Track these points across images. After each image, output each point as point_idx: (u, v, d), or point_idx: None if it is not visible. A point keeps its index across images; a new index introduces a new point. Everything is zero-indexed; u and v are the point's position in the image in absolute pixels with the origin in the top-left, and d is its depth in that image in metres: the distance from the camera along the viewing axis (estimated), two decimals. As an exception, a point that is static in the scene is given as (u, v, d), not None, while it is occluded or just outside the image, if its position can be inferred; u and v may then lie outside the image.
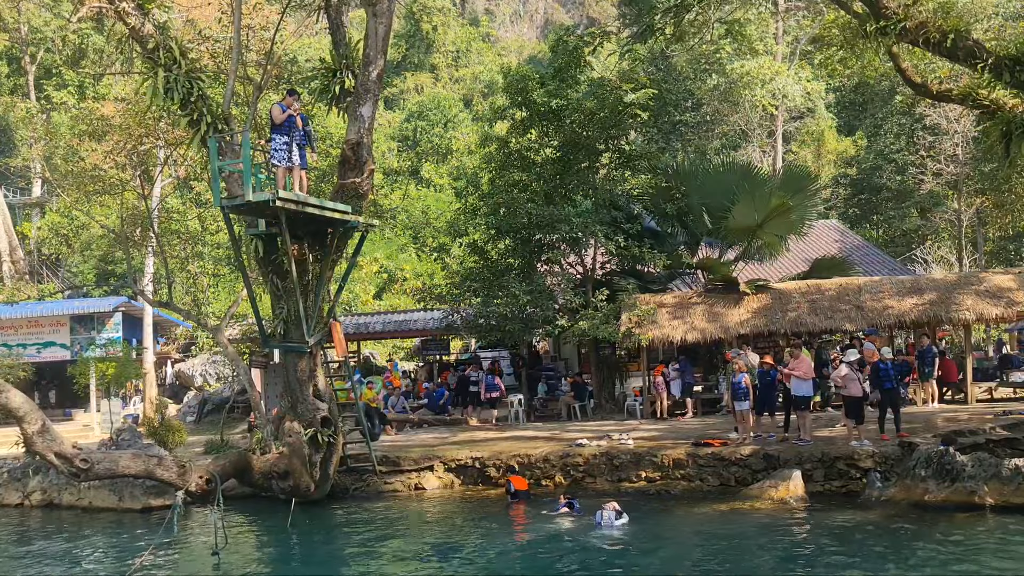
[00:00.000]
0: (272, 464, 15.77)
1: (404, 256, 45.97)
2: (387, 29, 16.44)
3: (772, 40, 39.84)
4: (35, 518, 17.15)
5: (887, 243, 40.37)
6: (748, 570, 10.85)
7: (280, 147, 14.69)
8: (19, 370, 25.60)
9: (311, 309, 15.88)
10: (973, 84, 14.93)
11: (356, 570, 11.95)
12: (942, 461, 13.04)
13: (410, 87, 65.80)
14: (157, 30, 16.29)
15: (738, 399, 16.50)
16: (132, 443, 18.60)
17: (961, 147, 35.18)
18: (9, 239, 42.02)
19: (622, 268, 23.81)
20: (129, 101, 22.43)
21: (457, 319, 23.72)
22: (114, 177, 23.09)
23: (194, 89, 16.00)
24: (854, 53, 17.33)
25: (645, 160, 23.66)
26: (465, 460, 16.87)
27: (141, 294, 25.97)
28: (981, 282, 20.40)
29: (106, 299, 33.10)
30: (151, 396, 28.87)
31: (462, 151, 52.14)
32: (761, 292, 21.29)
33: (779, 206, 21.24)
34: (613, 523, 12.81)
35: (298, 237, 15.69)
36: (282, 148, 14.70)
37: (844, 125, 46.24)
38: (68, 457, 14.36)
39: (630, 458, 15.90)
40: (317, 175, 22.91)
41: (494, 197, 22.80)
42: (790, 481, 14.09)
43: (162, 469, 15.07)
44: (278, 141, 14.68)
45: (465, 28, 75.38)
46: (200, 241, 26.86)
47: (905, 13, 14.26)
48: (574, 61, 22.72)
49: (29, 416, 14.35)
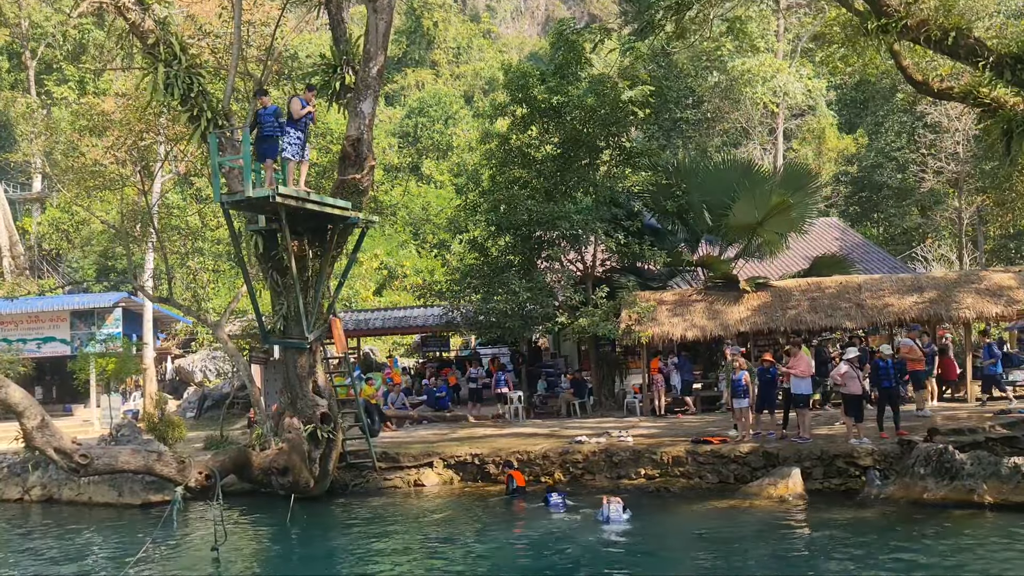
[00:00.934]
0: (272, 460, 15.78)
1: (404, 252, 45.96)
2: (388, 25, 16.43)
3: (773, 37, 39.78)
4: (35, 513, 17.18)
5: (887, 241, 40.37)
6: (746, 568, 10.86)
7: (294, 141, 14.63)
8: (19, 365, 25.65)
9: (311, 305, 15.90)
10: (974, 82, 14.91)
11: (355, 566, 11.96)
12: (941, 459, 13.05)
13: (411, 83, 65.73)
14: (157, 26, 16.29)
15: (737, 397, 16.51)
16: (132, 439, 18.60)
17: (962, 145, 35.16)
18: (9, 234, 42.00)
19: (622, 265, 23.80)
20: (129, 97, 22.41)
21: (457, 316, 23.72)
22: (114, 172, 23.09)
23: (194, 85, 16.00)
24: (855, 51, 17.29)
25: (646, 157, 23.66)
26: (465, 457, 16.89)
27: (141, 290, 25.98)
28: (981, 280, 20.39)
29: (106, 295, 33.13)
30: (151, 392, 28.89)
31: (463, 148, 52.08)
32: (761, 290, 21.29)
33: (779, 204, 21.24)
34: (621, 517, 12.86)
35: (298, 233, 15.69)
36: (296, 142, 14.65)
37: (845, 123, 46.20)
38: (68, 452, 14.37)
39: (629, 455, 15.91)
40: (318, 171, 22.90)
41: (494, 194, 22.79)
42: (789, 479, 14.11)
43: (162, 465, 15.08)
44: (292, 135, 14.61)
45: (466, 24, 75.30)
46: (200, 237, 26.86)
47: (906, 11, 14.23)
48: (575, 57, 22.71)
49: (29, 411, 14.36)
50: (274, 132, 14.46)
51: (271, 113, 14.54)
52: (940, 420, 16.24)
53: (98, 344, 30.46)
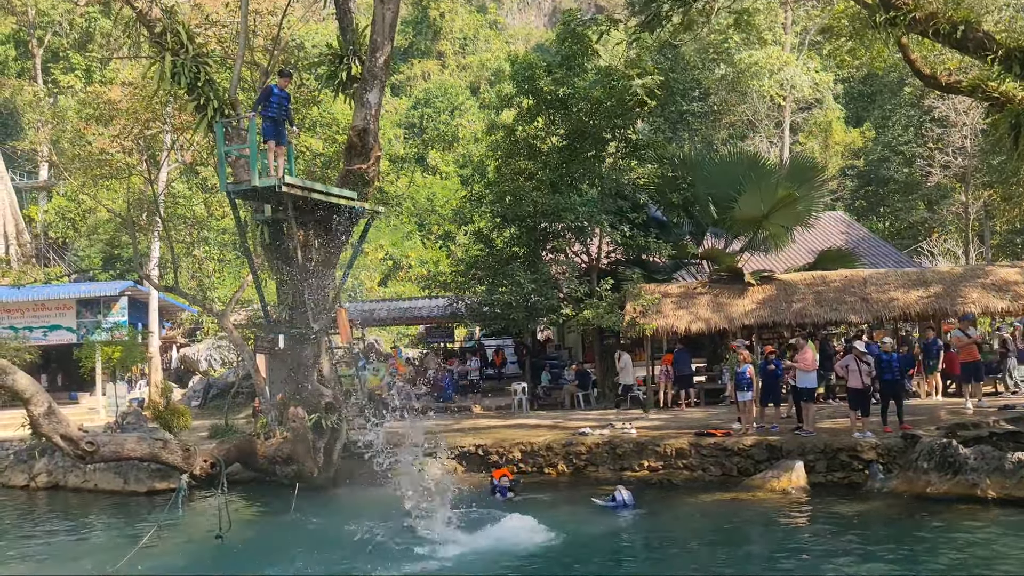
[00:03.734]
0: (276, 449, 15.85)
1: (409, 243, 46.05)
2: (394, 15, 16.40)
3: (781, 30, 39.65)
4: (41, 500, 17.29)
5: (893, 235, 40.28)
6: (748, 560, 10.88)
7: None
8: (25, 353, 25.71)
9: (316, 295, 15.92)
10: (982, 76, 14.87)
11: (358, 555, 12.00)
12: (944, 454, 13.04)
13: (417, 74, 65.66)
14: (164, 14, 16.30)
15: (741, 389, 16.52)
16: (137, 427, 18.72)
17: (969, 139, 35.04)
18: (16, 222, 42.13)
19: (627, 257, 23.79)
20: (136, 85, 22.44)
21: (462, 307, 23.75)
22: (121, 161, 23.13)
23: (201, 74, 16.02)
24: (863, 44, 17.29)
25: (652, 149, 23.60)
26: (468, 447, 16.94)
27: (147, 278, 26.06)
28: (987, 275, 20.32)
29: (112, 283, 33.20)
30: (156, 380, 29.01)
31: (468, 139, 52.08)
32: (766, 283, 21.25)
33: (785, 197, 21.19)
34: (633, 501, 13.23)
35: (304, 223, 15.71)
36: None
37: (852, 116, 46.06)
38: (74, 439, 14.44)
39: (632, 447, 15.94)
40: (323, 161, 22.92)
41: (500, 185, 22.78)
42: (792, 472, 14.11)
43: (167, 452, 15.16)
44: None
45: (472, 15, 75.10)
46: (206, 226, 26.94)
47: (915, 4, 14.19)
48: (581, 49, 22.64)
49: (36, 398, 14.43)
50: (279, 115, 14.50)
51: (284, 96, 14.60)
52: (944, 415, 16.25)
53: (104, 332, 30.57)
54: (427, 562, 10.93)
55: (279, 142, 14.62)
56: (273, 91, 14.62)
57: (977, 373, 17.52)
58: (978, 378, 17.61)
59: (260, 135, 14.53)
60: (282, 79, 15.01)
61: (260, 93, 15.18)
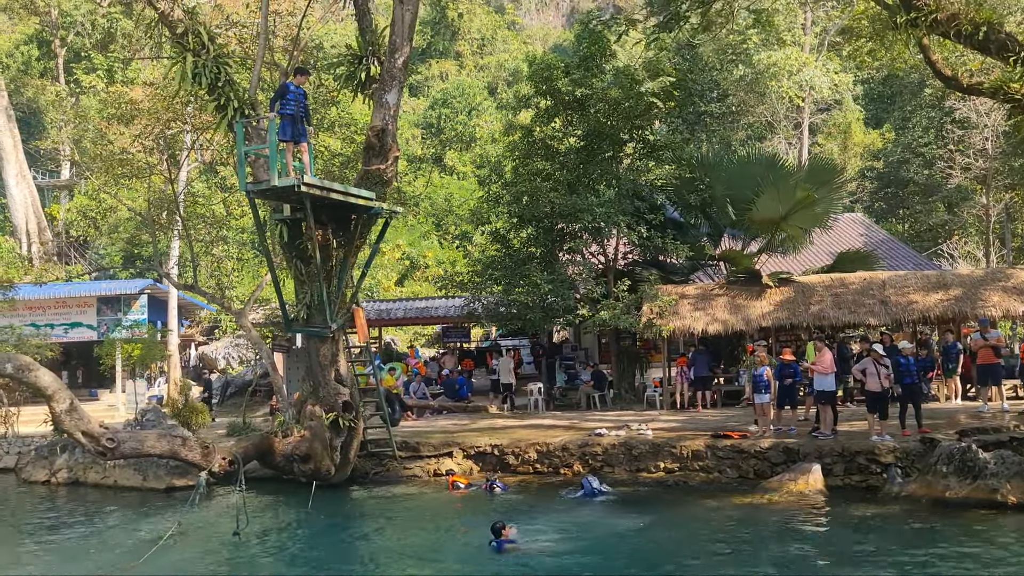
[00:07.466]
0: (293, 447, 15.94)
1: (427, 243, 46.15)
2: (413, 16, 16.47)
3: (800, 30, 39.44)
4: (61, 495, 17.46)
5: (913, 238, 39.97)
6: (764, 563, 10.84)
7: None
8: (47, 350, 25.99)
9: (334, 294, 16.01)
10: (1005, 77, 14.71)
11: (374, 553, 12.07)
12: (964, 458, 12.92)
13: (435, 74, 65.80)
14: (186, 15, 16.42)
15: (759, 392, 16.47)
16: (157, 424, 18.86)
17: (991, 141, 34.71)
18: (38, 221, 42.59)
19: (644, 258, 23.76)
20: (157, 85, 22.64)
21: (478, 307, 23.79)
22: (142, 161, 23.34)
23: (222, 74, 16.12)
24: (883, 45, 17.13)
25: (669, 150, 23.55)
26: (484, 447, 16.97)
27: (166, 277, 26.27)
28: (1008, 278, 20.15)
29: (132, 281, 33.52)
30: (175, 378, 29.24)
31: (486, 139, 52.12)
32: (784, 285, 21.17)
33: (804, 198, 21.08)
34: (604, 487, 13.96)
35: (322, 223, 15.79)
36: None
37: (872, 118, 45.76)
38: (95, 436, 14.57)
39: (649, 448, 15.91)
40: (341, 161, 23.04)
41: (517, 186, 22.81)
42: (809, 475, 14.03)
43: (186, 450, 15.27)
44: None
45: (491, 16, 75.19)
46: (225, 225, 27.10)
47: (936, 4, 14.09)
48: (599, 50, 22.63)
49: (58, 395, 14.57)
50: (296, 112, 14.55)
51: (301, 93, 14.67)
52: (964, 419, 16.12)
53: (124, 330, 30.86)
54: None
55: (298, 140, 14.69)
56: (289, 88, 14.66)
57: (995, 376, 17.26)
58: (996, 381, 17.37)
59: (278, 134, 14.62)
60: (299, 76, 15.09)
61: (276, 91, 15.26)
